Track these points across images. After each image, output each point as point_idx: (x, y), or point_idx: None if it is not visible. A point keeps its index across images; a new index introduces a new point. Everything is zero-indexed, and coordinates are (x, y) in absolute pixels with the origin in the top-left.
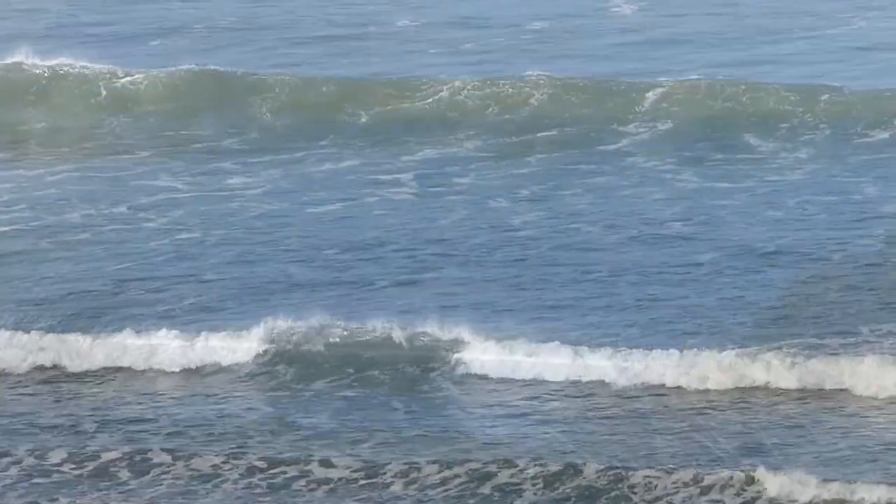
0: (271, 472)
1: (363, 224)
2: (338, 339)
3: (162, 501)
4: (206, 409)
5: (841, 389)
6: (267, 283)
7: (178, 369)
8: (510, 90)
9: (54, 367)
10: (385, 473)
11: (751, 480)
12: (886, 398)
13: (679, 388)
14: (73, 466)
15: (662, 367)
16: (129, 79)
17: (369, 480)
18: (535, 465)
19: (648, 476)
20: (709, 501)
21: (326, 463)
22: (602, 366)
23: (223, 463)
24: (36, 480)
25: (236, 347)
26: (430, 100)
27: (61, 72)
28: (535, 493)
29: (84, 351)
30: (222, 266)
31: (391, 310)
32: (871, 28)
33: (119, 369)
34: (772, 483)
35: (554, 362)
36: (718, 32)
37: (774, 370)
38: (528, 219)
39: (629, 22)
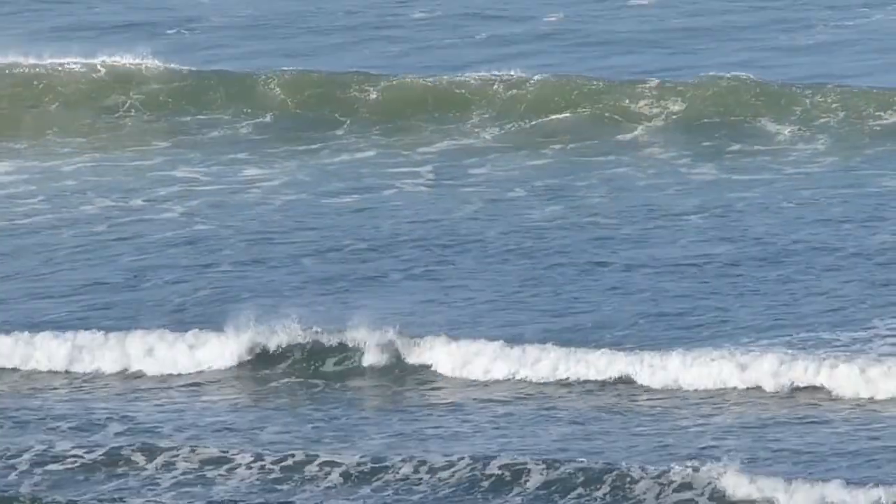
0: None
1: (379, 216)
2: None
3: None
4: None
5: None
6: (282, 276)
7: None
8: (526, 84)
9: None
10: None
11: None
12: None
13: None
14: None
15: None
16: (142, 69)
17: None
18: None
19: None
20: (681, 500)
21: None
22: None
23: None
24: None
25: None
26: (447, 91)
27: (75, 66)
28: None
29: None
30: (237, 257)
31: (404, 302)
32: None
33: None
34: (732, 481)
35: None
36: (736, 24)
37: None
38: (545, 211)
39: (648, 13)
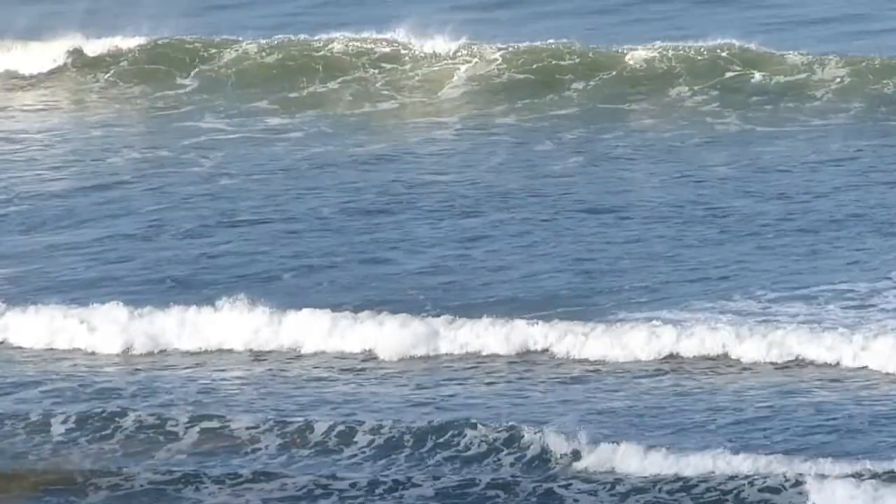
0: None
1: (405, 167)
2: None
3: None
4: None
5: None
6: (300, 229)
7: None
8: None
9: None
10: None
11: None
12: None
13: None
14: None
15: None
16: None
17: None
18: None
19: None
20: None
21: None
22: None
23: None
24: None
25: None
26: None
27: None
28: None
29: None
30: (257, 209)
31: (421, 256)
32: None
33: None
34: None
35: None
36: None
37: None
38: (568, 163)
39: None
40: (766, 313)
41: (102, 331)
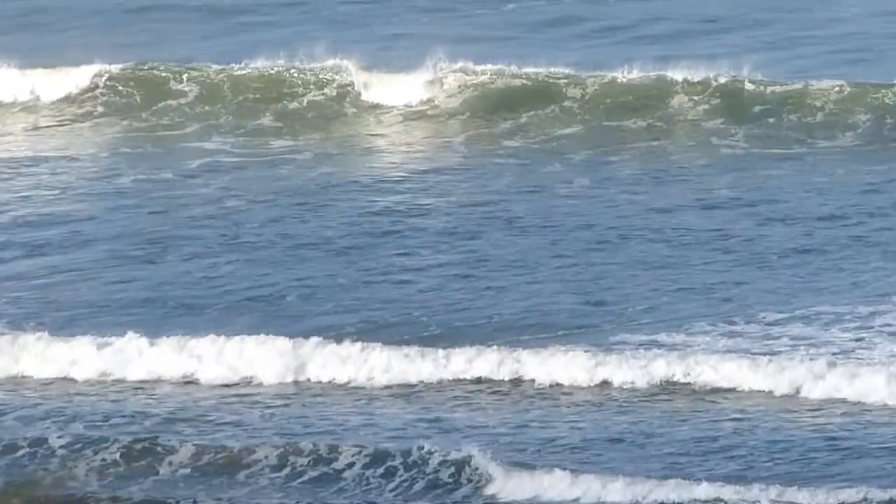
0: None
1: (409, 189)
2: None
3: None
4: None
5: None
6: (303, 249)
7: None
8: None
9: None
10: None
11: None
12: None
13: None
14: None
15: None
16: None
17: None
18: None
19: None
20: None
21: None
22: None
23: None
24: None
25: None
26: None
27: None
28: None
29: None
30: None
31: (424, 279)
32: None
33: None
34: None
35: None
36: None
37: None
38: (575, 186)
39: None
40: (766, 336)
41: None
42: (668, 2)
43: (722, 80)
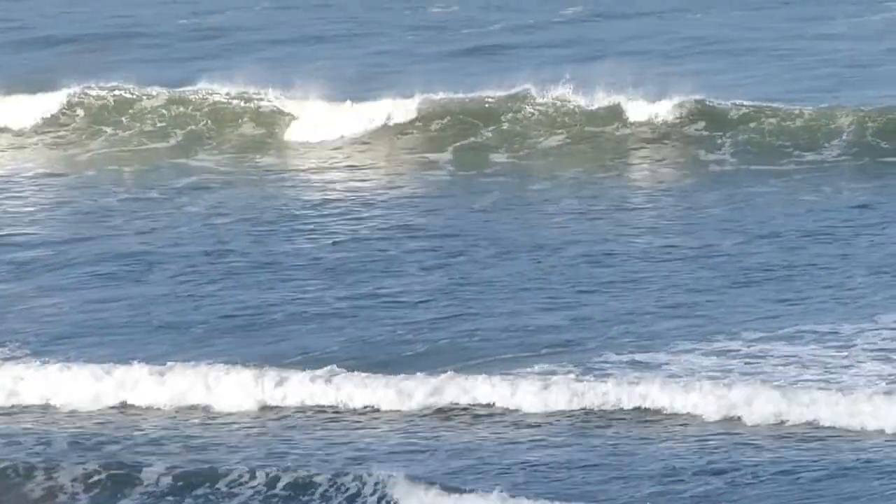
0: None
1: (400, 208)
2: None
3: None
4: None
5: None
6: (292, 267)
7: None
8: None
9: None
10: None
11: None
12: None
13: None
14: None
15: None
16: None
17: None
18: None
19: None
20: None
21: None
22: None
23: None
24: None
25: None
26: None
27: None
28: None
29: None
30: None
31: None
32: None
33: None
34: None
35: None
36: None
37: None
38: (560, 205)
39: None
40: (749, 354)
41: None
42: (662, 21)
43: (710, 101)
